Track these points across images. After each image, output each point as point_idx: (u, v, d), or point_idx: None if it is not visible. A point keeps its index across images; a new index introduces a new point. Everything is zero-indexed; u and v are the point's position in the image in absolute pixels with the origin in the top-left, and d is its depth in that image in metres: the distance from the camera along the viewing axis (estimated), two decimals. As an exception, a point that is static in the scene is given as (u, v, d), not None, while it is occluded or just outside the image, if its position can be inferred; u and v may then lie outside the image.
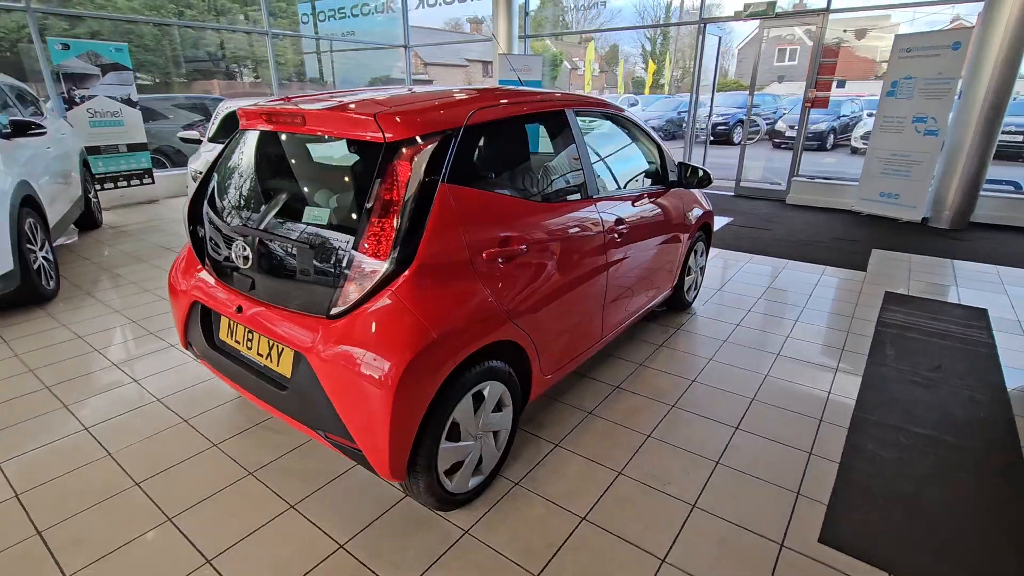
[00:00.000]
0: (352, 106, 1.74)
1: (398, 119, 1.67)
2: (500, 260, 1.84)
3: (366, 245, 1.61)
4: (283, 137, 1.96)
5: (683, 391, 2.73)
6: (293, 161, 1.95)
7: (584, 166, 2.34)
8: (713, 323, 3.57)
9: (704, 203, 3.57)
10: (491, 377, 1.89)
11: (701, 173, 3.12)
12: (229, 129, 5.20)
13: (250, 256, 1.86)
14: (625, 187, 2.96)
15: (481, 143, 1.90)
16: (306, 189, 1.88)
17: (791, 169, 7.45)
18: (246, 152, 2.06)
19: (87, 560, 1.74)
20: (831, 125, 13.97)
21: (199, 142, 5.73)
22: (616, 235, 2.48)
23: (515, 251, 1.89)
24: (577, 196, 2.30)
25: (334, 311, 1.65)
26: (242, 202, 1.99)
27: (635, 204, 2.71)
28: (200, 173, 5.09)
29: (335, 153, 1.85)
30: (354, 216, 1.65)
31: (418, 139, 1.68)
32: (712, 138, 15.87)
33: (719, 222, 6.43)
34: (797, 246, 5.40)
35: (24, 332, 3.38)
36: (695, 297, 3.85)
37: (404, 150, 1.66)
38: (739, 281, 4.39)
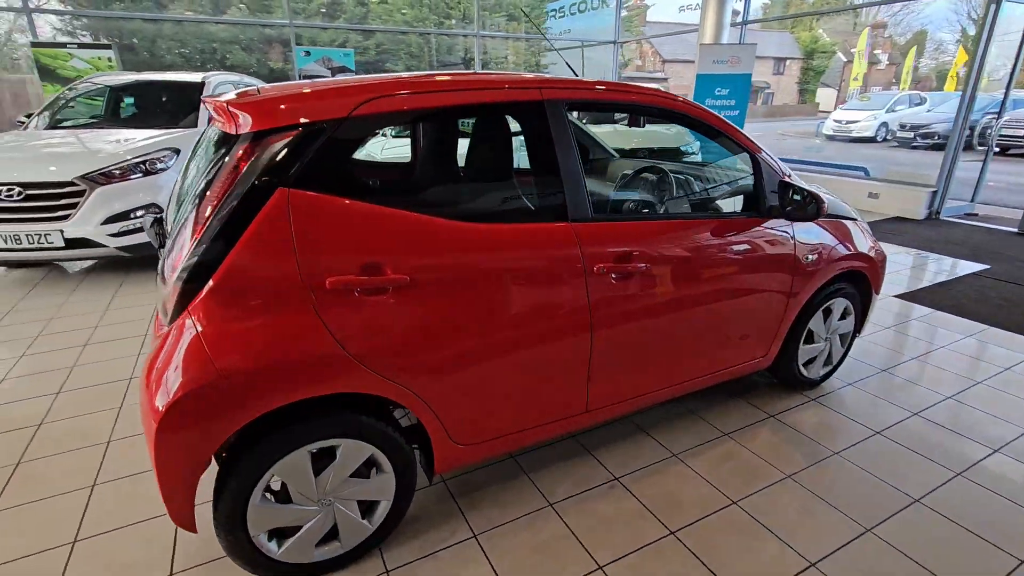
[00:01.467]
0: (229, 96, 1.52)
1: (249, 110, 1.39)
2: (358, 291, 1.42)
3: (181, 254, 1.39)
4: (211, 130, 1.86)
5: (704, 515, 1.86)
6: (202, 155, 1.84)
7: (564, 177, 1.71)
8: (838, 420, 2.41)
9: (856, 241, 2.42)
10: (348, 435, 1.50)
11: (803, 199, 2.07)
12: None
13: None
14: (666, 211, 2.18)
15: (376, 140, 1.49)
16: (191, 186, 1.75)
17: None
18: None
19: (17, 501, 1.93)
20: None
21: None
22: (615, 276, 1.78)
23: (383, 283, 1.44)
24: (542, 217, 1.70)
25: (168, 321, 1.47)
26: (175, 194, 1.98)
27: (672, 235, 1.92)
28: None
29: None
30: (189, 221, 1.44)
31: (271, 133, 1.38)
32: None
33: (965, 268, 4.50)
34: (1089, 325, 3.40)
35: (178, 284, 4.13)
36: (826, 375, 2.68)
37: (249, 146, 1.38)
38: (934, 364, 2.93)
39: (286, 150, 1.37)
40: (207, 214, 1.35)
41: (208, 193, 1.39)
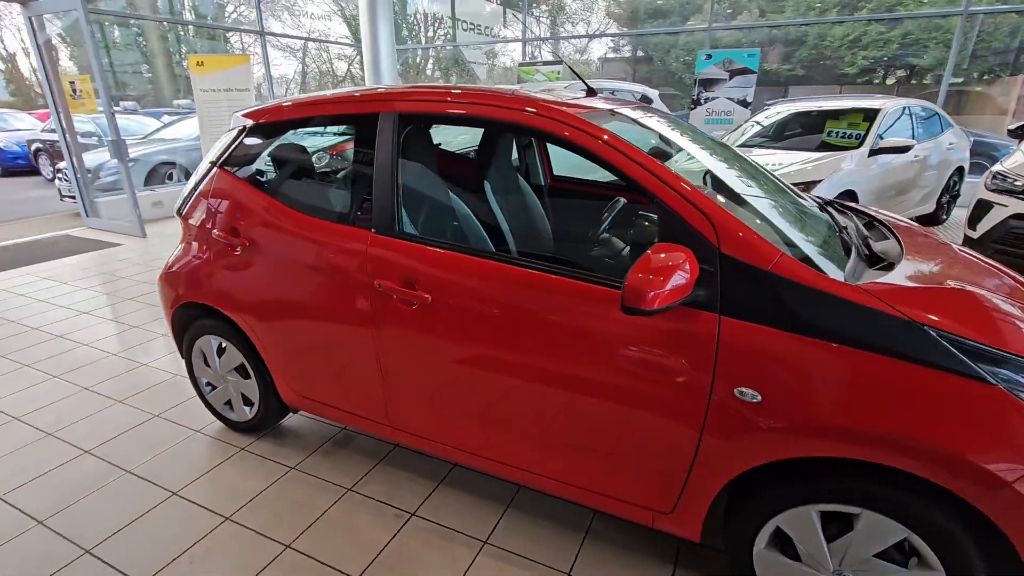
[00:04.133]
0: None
1: (243, 115, 2.16)
2: (223, 243, 2.04)
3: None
4: None
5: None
6: None
7: (375, 187, 1.71)
8: None
9: (949, 415, 1.12)
10: (230, 340, 2.19)
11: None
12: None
13: None
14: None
15: (270, 140, 2.03)
16: None
17: None
18: None
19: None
20: None
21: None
22: (396, 298, 1.67)
23: (235, 242, 1.99)
24: (353, 222, 1.79)
25: None
26: None
27: (477, 275, 1.56)
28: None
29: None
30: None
31: (235, 129, 2.15)
32: None
33: None
34: None
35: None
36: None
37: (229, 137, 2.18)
38: None
39: (230, 142, 2.11)
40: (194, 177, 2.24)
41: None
